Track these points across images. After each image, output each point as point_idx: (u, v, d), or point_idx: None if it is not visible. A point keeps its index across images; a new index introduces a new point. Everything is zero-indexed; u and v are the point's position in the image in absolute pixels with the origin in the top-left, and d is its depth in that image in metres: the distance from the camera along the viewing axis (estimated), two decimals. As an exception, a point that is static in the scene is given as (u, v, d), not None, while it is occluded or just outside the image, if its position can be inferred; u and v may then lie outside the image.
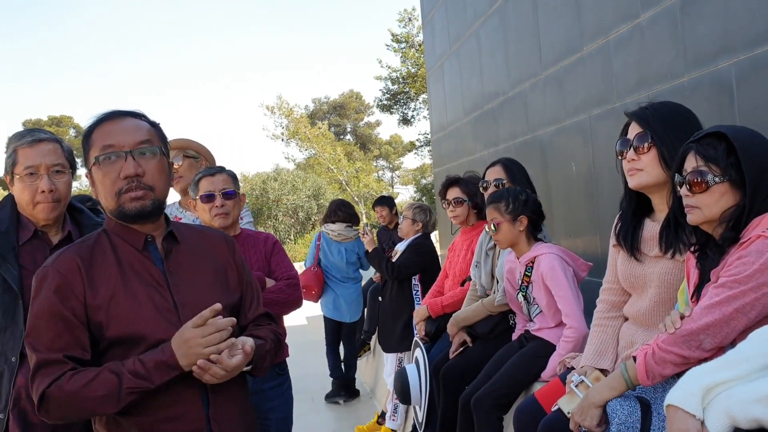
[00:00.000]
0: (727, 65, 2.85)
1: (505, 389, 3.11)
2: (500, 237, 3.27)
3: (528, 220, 3.24)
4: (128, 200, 1.83)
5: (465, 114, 6.63)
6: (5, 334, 2.34)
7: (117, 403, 1.73)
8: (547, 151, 4.69)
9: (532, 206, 3.27)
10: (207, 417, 1.84)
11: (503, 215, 3.24)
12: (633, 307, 2.43)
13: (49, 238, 2.49)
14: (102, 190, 1.86)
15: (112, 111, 1.91)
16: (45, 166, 2.43)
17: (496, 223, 3.25)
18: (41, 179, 2.42)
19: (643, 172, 2.26)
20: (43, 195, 2.41)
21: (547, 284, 3.12)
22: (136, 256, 1.88)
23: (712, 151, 1.89)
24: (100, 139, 1.85)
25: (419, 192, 33.44)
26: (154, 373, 1.74)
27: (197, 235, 2.04)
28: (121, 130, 1.86)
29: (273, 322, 2.12)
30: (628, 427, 1.97)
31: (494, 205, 3.28)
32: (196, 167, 3.72)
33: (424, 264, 5.05)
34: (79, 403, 1.73)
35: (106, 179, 1.84)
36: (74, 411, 1.77)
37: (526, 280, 3.25)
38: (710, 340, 1.83)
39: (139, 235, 1.89)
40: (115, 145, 1.83)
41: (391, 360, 5.26)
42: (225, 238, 2.11)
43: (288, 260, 3.14)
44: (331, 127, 40.74)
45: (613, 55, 3.73)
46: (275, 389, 3.06)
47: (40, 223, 2.47)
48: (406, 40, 26.81)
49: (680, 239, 2.19)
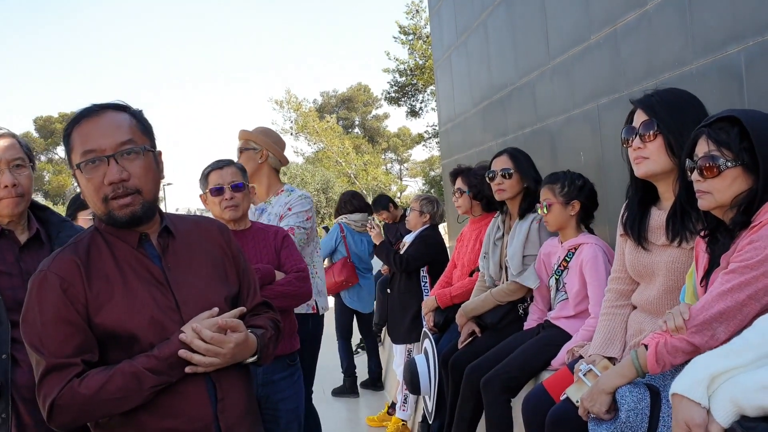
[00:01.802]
0: (735, 51, 2.82)
1: (516, 372, 3.11)
2: (550, 218, 3.26)
3: (580, 206, 3.22)
4: (117, 207, 1.77)
5: (473, 105, 6.61)
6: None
7: (140, 402, 1.72)
8: (556, 141, 4.68)
9: (587, 193, 3.25)
10: (214, 414, 1.82)
11: (556, 197, 3.22)
12: (641, 295, 2.42)
13: (15, 236, 2.40)
14: (88, 196, 1.81)
15: (90, 107, 1.83)
16: (5, 161, 2.35)
17: (548, 204, 3.23)
18: (2, 174, 2.34)
19: (649, 160, 2.25)
20: (6, 190, 2.33)
21: (585, 271, 3.11)
22: (133, 255, 1.84)
23: (725, 135, 1.87)
24: (80, 142, 1.78)
25: (428, 184, 33.43)
26: (172, 369, 1.73)
27: (191, 226, 1.99)
28: (100, 131, 1.78)
29: (271, 309, 2.10)
30: (637, 413, 1.97)
31: (549, 186, 3.26)
32: (255, 159, 3.71)
33: (432, 255, 5.05)
34: (94, 407, 1.71)
35: (90, 185, 1.77)
36: (89, 415, 1.74)
37: (563, 264, 3.25)
38: (723, 328, 1.82)
39: (133, 234, 1.85)
40: (96, 150, 1.76)
41: (400, 351, 5.28)
42: (219, 226, 2.07)
43: (297, 253, 3.15)
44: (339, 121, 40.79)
45: (620, 44, 3.71)
46: (286, 380, 3.08)
47: (5, 220, 2.39)
48: (414, 32, 26.72)
49: (686, 227, 2.18)
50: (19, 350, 2.31)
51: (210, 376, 1.82)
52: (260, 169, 3.74)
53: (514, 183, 3.60)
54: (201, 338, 1.75)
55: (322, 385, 6.74)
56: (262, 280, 2.84)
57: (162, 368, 1.72)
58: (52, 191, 47.27)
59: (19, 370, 2.31)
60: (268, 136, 3.81)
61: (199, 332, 1.75)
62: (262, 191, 3.76)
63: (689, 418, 1.58)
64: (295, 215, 3.56)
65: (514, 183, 3.60)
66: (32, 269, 2.37)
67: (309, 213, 3.62)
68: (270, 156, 3.73)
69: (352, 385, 6.69)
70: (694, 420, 1.57)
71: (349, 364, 6.67)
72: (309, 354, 3.68)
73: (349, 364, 6.68)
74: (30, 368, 2.30)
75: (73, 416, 1.72)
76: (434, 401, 4.05)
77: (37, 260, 2.40)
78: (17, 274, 2.36)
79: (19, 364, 2.31)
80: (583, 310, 3.13)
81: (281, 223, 3.54)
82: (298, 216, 3.56)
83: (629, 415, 1.96)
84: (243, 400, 1.90)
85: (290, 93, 33.76)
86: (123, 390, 1.70)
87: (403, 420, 5.25)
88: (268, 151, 3.73)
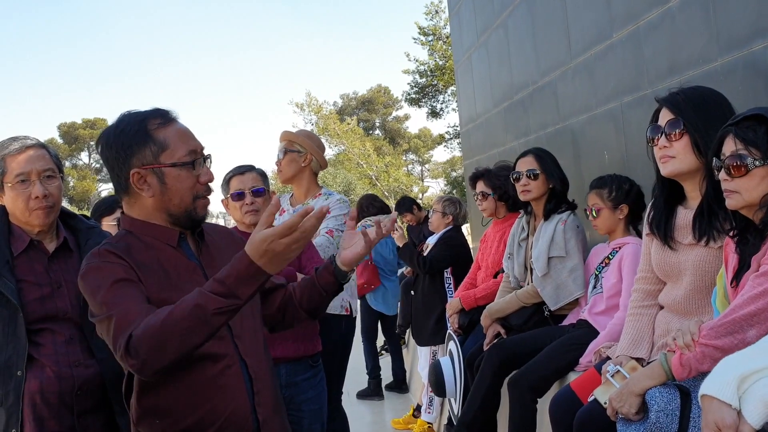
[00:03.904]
0: (761, 47, 2.79)
1: (543, 371, 3.11)
2: (599, 223, 3.27)
3: (628, 210, 3.23)
4: (201, 206, 1.92)
5: (494, 105, 6.59)
6: (8, 349, 2.30)
7: (207, 329, 1.64)
8: (579, 141, 4.65)
9: (635, 197, 3.25)
10: (252, 406, 1.87)
11: (605, 201, 3.23)
12: (668, 295, 2.40)
13: (44, 246, 2.45)
14: (179, 192, 1.87)
15: (169, 115, 1.94)
16: (36, 172, 2.39)
17: (597, 209, 3.25)
18: (33, 186, 2.38)
19: (675, 160, 2.23)
20: (37, 201, 2.38)
21: (623, 267, 3.12)
22: (172, 253, 1.90)
23: (752, 133, 1.85)
24: (182, 141, 1.89)
25: (449, 185, 33.35)
26: (239, 288, 1.64)
27: (216, 232, 2.09)
28: (191, 133, 1.95)
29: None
30: (667, 414, 1.95)
31: (597, 191, 3.27)
32: (298, 162, 3.75)
33: (455, 257, 5.03)
34: (167, 336, 1.62)
35: (187, 182, 1.88)
36: (165, 347, 1.63)
37: (606, 261, 3.27)
38: (755, 331, 1.79)
39: (173, 232, 1.91)
40: (198, 151, 1.91)
41: (425, 353, 5.27)
42: (230, 232, 2.16)
43: (318, 256, 3.18)
44: (360, 123, 40.84)
45: (643, 42, 3.68)
46: (309, 381, 3.10)
47: (35, 230, 2.43)
48: (434, 33, 26.69)
49: (714, 226, 2.15)
50: (44, 354, 2.34)
51: (248, 370, 1.87)
52: (302, 171, 3.77)
53: (540, 184, 3.59)
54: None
55: (347, 387, 6.74)
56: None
57: (228, 291, 1.64)
58: (77, 197, 47.89)
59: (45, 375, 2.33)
60: (312, 139, 3.84)
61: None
62: (301, 193, 3.80)
63: (720, 419, 1.55)
64: (334, 218, 3.58)
65: (540, 184, 3.59)
66: (61, 278, 2.43)
67: (347, 216, 3.64)
68: (313, 160, 3.77)
69: (376, 387, 6.69)
70: (724, 421, 1.55)
71: (374, 365, 6.67)
72: (341, 355, 3.70)
73: (374, 366, 6.68)
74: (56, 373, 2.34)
75: (149, 352, 1.63)
76: (460, 403, 4.04)
77: (65, 269, 2.45)
78: (47, 284, 2.40)
79: (44, 368, 2.33)
80: (614, 305, 3.13)
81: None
82: (336, 219, 3.58)
83: (659, 416, 1.94)
84: (274, 392, 1.97)
85: (311, 95, 33.91)
86: (190, 316, 1.62)
87: (428, 422, 5.24)
88: (312, 155, 3.76)
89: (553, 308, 3.51)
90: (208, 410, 1.81)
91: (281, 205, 3.85)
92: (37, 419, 2.31)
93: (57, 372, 2.34)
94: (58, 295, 2.41)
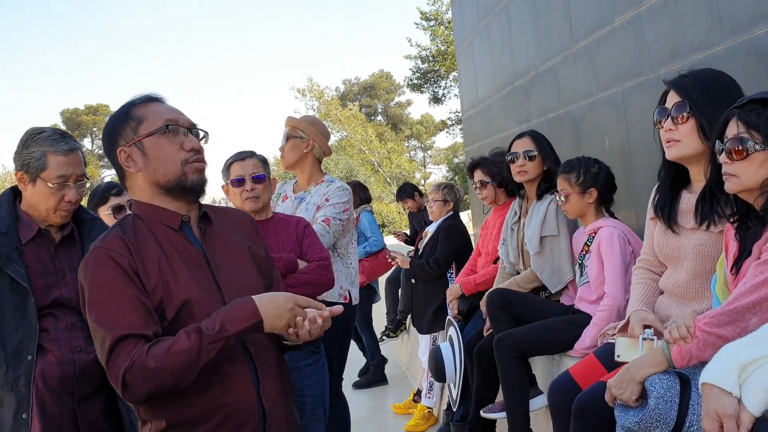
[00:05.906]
0: (764, 32, 2.76)
1: (533, 338, 3.13)
2: (569, 208, 3.26)
3: (598, 193, 3.21)
4: (192, 171, 1.88)
5: (496, 91, 6.56)
6: (19, 333, 2.32)
7: (206, 360, 1.70)
8: (580, 126, 4.63)
9: (604, 179, 3.23)
10: (258, 394, 1.86)
11: (573, 186, 3.22)
12: (669, 279, 2.40)
13: (52, 236, 2.47)
14: (163, 159, 1.86)
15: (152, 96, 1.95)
16: (75, 176, 2.42)
17: (565, 195, 3.23)
18: (70, 190, 2.40)
19: (680, 143, 2.21)
20: (68, 204, 2.41)
21: (602, 252, 3.11)
22: (174, 236, 1.88)
23: (755, 117, 1.82)
24: (160, 113, 1.89)
25: (452, 171, 33.33)
26: (231, 325, 1.72)
27: (223, 215, 2.05)
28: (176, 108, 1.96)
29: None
30: (666, 401, 1.94)
31: (564, 175, 3.25)
32: (301, 147, 3.73)
33: (458, 246, 5.00)
34: (164, 371, 1.68)
35: (168, 149, 1.86)
36: (159, 381, 1.69)
37: (585, 248, 3.26)
38: (756, 320, 1.78)
39: (176, 215, 1.90)
40: (179, 121, 1.89)
41: (425, 339, 5.27)
42: (249, 218, 2.13)
43: (319, 242, 3.17)
44: (362, 109, 40.72)
45: (645, 26, 3.65)
46: (311, 366, 3.12)
47: (45, 223, 2.45)
48: (435, 18, 26.57)
49: (715, 211, 2.14)
50: (46, 339, 2.35)
51: (251, 358, 1.86)
52: (305, 158, 3.75)
53: (536, 165, 3.59)
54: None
55: (347, 374, 6.76)
56: (285, 268, 2.87)
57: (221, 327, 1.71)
58: (79, 183, 47.82)
59: (47, 360, 2.35)
60: (315, 126, 3.82)
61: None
62: (304, 180, 3.79)
63: (720, 407, 1.54)
64: (332, 206, 3.57)
65: (536, 165, 3.59)
66: (65, 267, 2.45)
67: (346, 205, 3.62)
68: (316, 146, 3.75)
69: (380, 374, 6.70)
70: (725, 410, 1.54)
71: (374, 352, 6.68)
72: (341, 342, 3.70)
73: (376, 350, 6.69)
74: (58, 359, 2.35)
75: (145, 384, 1.68)
76: (459, 389, 4.05)
77: (70, 258, 2.47)
78: (52, 272, 2.42)
79: (47, 353, 2.35)
80: (603, 294, 3.12)
81: (318, 213, 3.56)
82: (335, 207, 3.57)
83: (658, 403, 1.93)
84: (280, 380, 1.95)
85: (312, 81, 33.83)
86: (188, 351, 1.67)
87: (428, 407, 5.26)
88: (315, 141, 3.74)
89: (553, 291, 3.50)
90: (212, 398, 1.80)
91: (285, 192, 3.85)
92: (39, 403, 2.32)
93: (59, 357, 2.35)
94: (63, 284, 2.42)
